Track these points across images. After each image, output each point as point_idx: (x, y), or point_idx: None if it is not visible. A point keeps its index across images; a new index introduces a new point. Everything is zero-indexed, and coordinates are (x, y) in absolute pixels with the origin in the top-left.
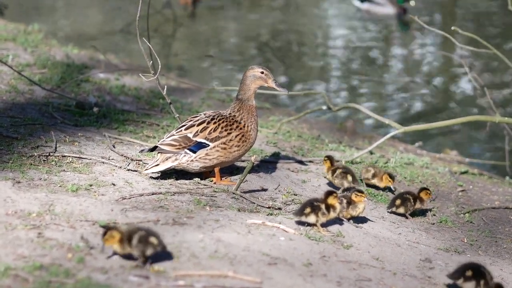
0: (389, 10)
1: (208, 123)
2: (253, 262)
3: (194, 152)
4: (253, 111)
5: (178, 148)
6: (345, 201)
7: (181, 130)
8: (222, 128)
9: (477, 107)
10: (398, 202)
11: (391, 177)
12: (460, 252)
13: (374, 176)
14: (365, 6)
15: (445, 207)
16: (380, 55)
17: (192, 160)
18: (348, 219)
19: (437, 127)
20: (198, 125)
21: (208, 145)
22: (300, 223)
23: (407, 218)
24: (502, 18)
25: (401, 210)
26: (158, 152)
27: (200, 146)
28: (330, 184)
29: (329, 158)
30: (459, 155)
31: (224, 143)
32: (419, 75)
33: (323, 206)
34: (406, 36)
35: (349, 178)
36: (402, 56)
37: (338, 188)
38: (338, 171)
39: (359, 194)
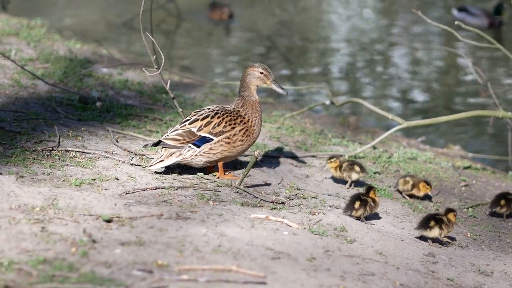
0: (482, 21)
1: (212, 117)
2: (256, 256)
3: (198, 146)
4: (257, 106)
5: (182, 143)
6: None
7: (185, 125)
8: (226, 122)
9: (480, 102)
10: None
11: (428, 184)
12: (463, 247)
13: (413, 186)
14: (461, 15)
15: (448, 202)
16: (383, 50)
17: (196, 155)
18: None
19: (440, 122)
20: (202, 119)
21: (212, 140)
22: (422, 237)
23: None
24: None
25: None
26: (162, 147)
27: (204, 140)
28: (334, 179)
29: (335, 157)
30: (462, 150)
31: (228, 138)
32: (422, 70)
33: (445, 219)
34: (408, 31)
35: (357, 168)
36: (405, 51)
37: (345, 182)
38: (345, 164)
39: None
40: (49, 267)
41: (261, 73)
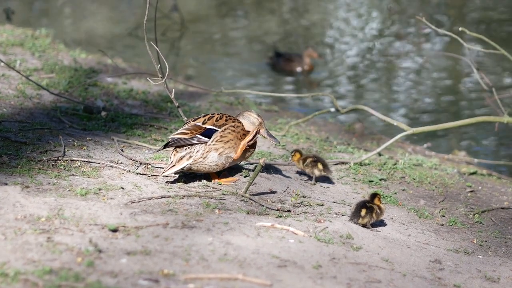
0: None
1: (213, 114)
2: (262, 264)
3: (206, 136)
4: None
5: (190, 135)
6: None
7: (189, 122)
8: (226, 117)
9: (485, 107)
10: None
11: None
12: (469, 253)
13: None
14: None
15: (454, 208)
16: (387, 56)
17: (208, 151)
18: None
19: (446, 128)
20: (204, 116)
21: (218, 130)
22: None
23: None
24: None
25: None
26: (174, 147)
27: (210, 131)
28: (339, 186)
29: (297, 151)
30: (467, 156)
31: (233, 127)
32: (427, 76)
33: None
34: (413, 37)
35: (320, 166)
36: (410, 57)
37: (311, 177)
38: (309, 160)
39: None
40: (55, 277)
41: (260, 123)
